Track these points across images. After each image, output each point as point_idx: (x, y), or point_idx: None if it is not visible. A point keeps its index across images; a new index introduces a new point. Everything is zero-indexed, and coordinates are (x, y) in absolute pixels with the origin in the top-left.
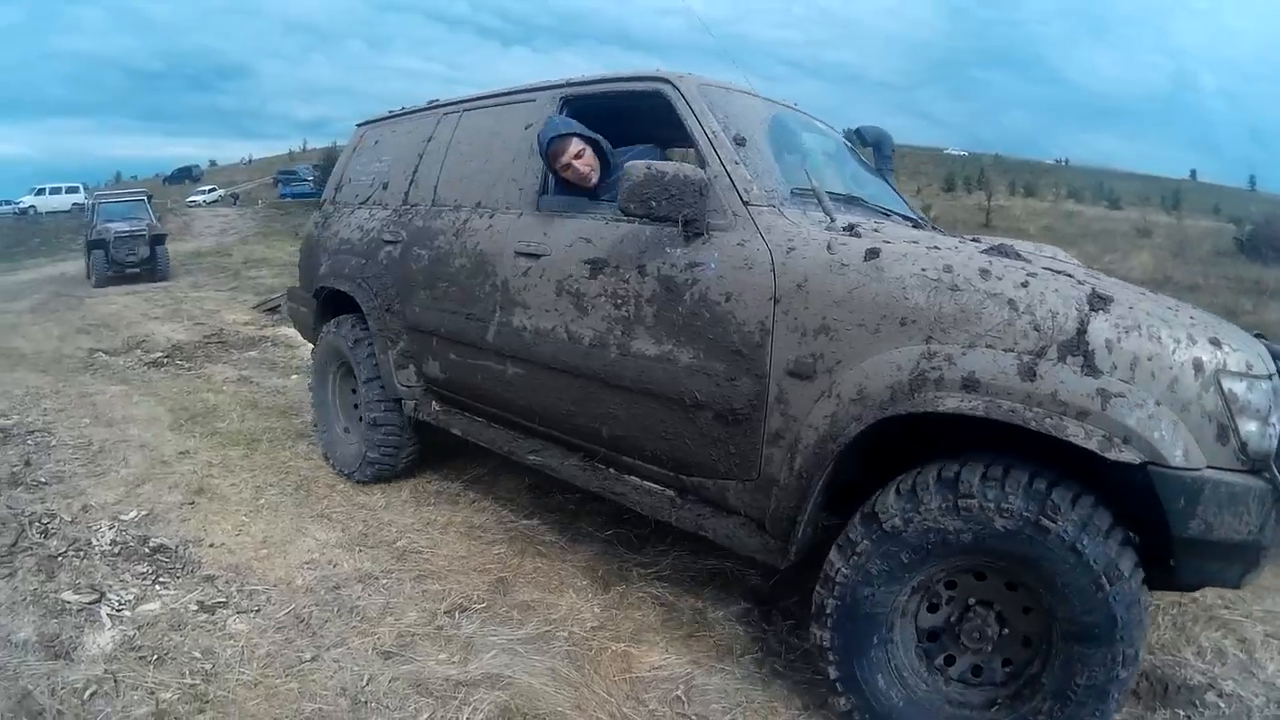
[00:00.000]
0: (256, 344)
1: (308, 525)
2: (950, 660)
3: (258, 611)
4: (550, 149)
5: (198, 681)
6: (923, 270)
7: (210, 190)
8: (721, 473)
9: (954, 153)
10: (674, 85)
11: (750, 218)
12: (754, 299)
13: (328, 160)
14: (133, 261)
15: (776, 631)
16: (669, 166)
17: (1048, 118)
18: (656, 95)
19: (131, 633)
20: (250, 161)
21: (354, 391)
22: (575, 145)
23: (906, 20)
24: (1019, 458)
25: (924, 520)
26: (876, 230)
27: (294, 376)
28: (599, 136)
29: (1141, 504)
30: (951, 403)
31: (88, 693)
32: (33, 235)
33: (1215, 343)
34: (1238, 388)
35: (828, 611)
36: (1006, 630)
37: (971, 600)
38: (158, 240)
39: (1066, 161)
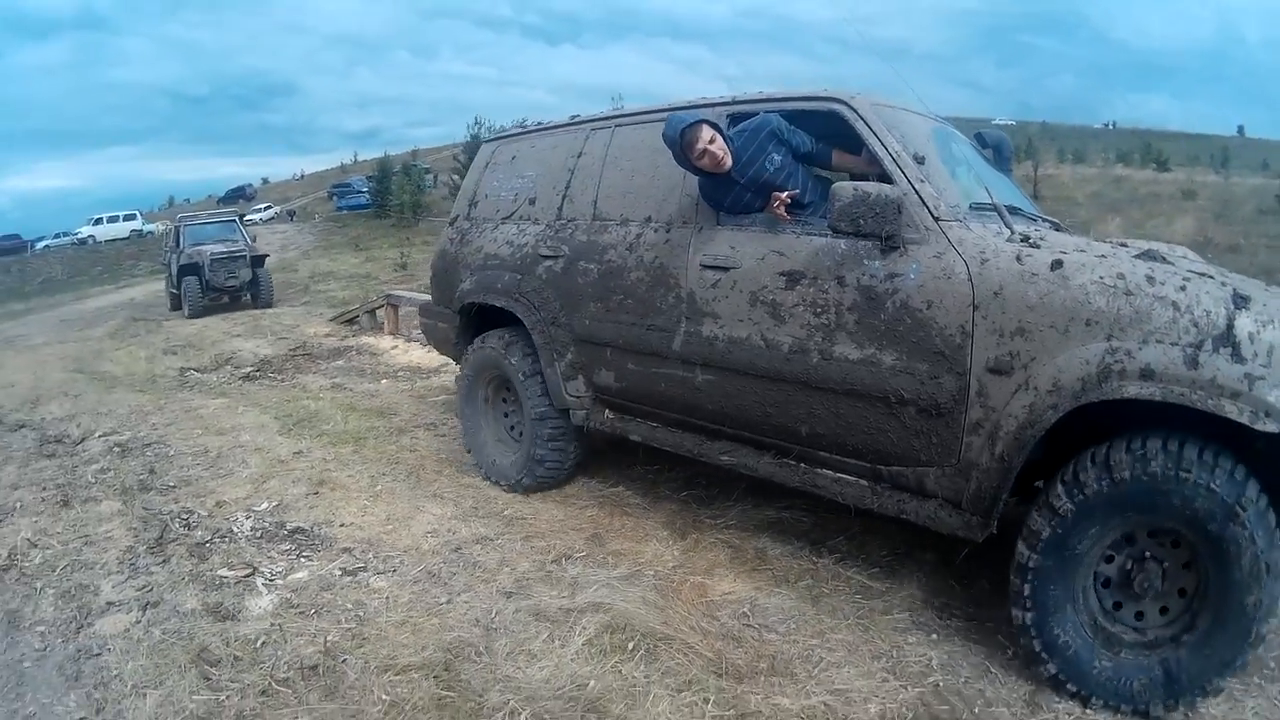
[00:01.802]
0: (342, 354)
1: (424, 503)
2: (1106, 583)
3: (394, 572)
4: (685, 138)
5: (354, 625)
6: (1101, 278)
7: (266, 208)
8: (922, 461)
9: (1001, 122)
10: (850, 106)
11: (942, 232)
12: (955, 305)
13: (380, 170)
14: (233, 286)
15: (825, 565)
16: (871, 187)
17: (1096, 80)
18: (832, 115)
19: (288, 595)
20: (302, 177)
21: (506, 404)
22: (708, 131)
23: None
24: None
25: (1197, 486)
26: (1045, 239)
27: (384, 381)
28: (717, 121)
29: (1268, 469)
30: (1133, 390)
31: (259, 642)
32: (94, 264)
33: None
34: None
35: (1088, 493)
36: (1156, 598)
37: (1166, 563)
38: (258, 261)
39: (1114, 125)
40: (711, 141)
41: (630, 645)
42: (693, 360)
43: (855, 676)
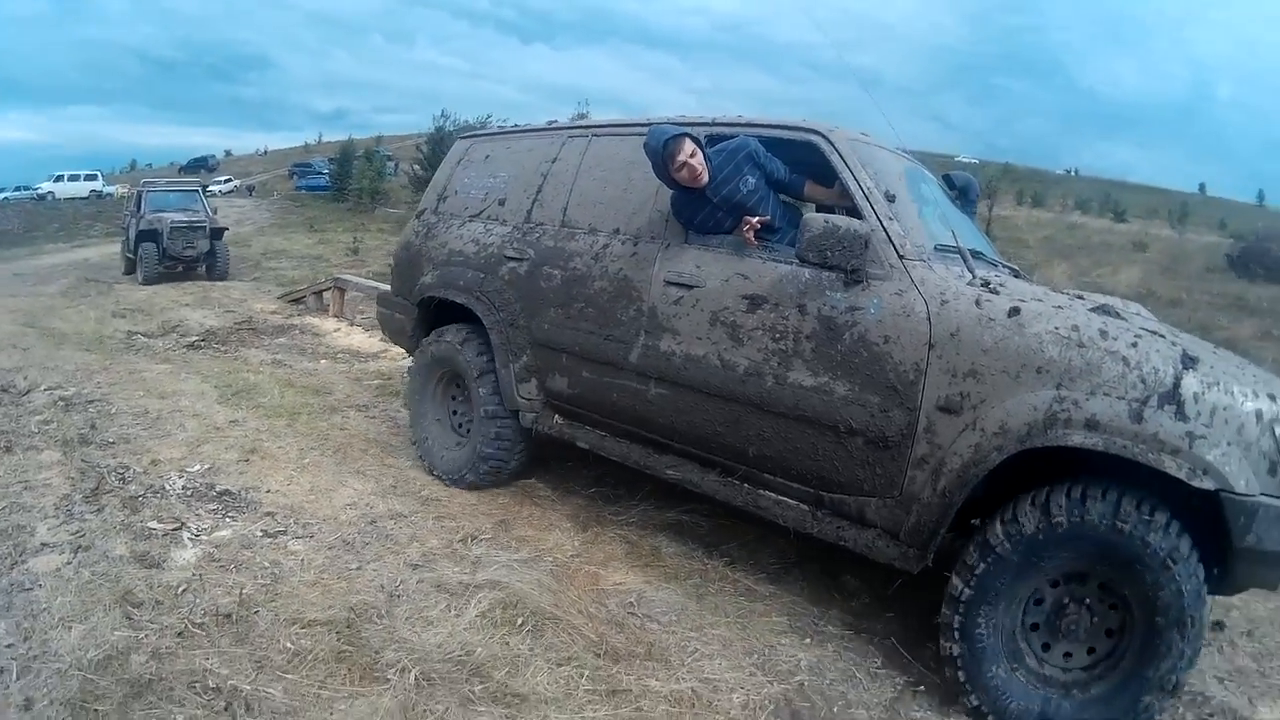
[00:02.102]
0: (285, 331)
1: (347, 478)
2: (1038, 602)
3: (312, 537)
4: (668, 149)
5: (269, 581)
6: (1055, 329)
7: (226, 180)
8: (865, 491)
9: (964, 160)
10: (827, 139)
11: (905, 270)
12: (911, 343)
13: (343, 154)
14: (190, 256)
15: (715, 566)
16: (842, 221)
17: (1065, 126)
18: (808, 146)
19: (210, 550)
20: (266, 153)
21: (454, 399)
22: (690, 145)
23: (928, 24)
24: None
25: (1174, 579)
26: (1005, 285)
27: (323, 361)
28: (699, 136)
29: (1199, 522)
30: (1078, 438)
31: (180, 589)
32: (51, 220)
33: (1272, 397)
34: None
35: (1085, 519)
36: (1070, 641)
37: (1096, 618)
38: (217, 234)
39: (1076, 172)
40: (693, 155)
41: (519, 621)
42: (648, 373)
43: (725, 668)
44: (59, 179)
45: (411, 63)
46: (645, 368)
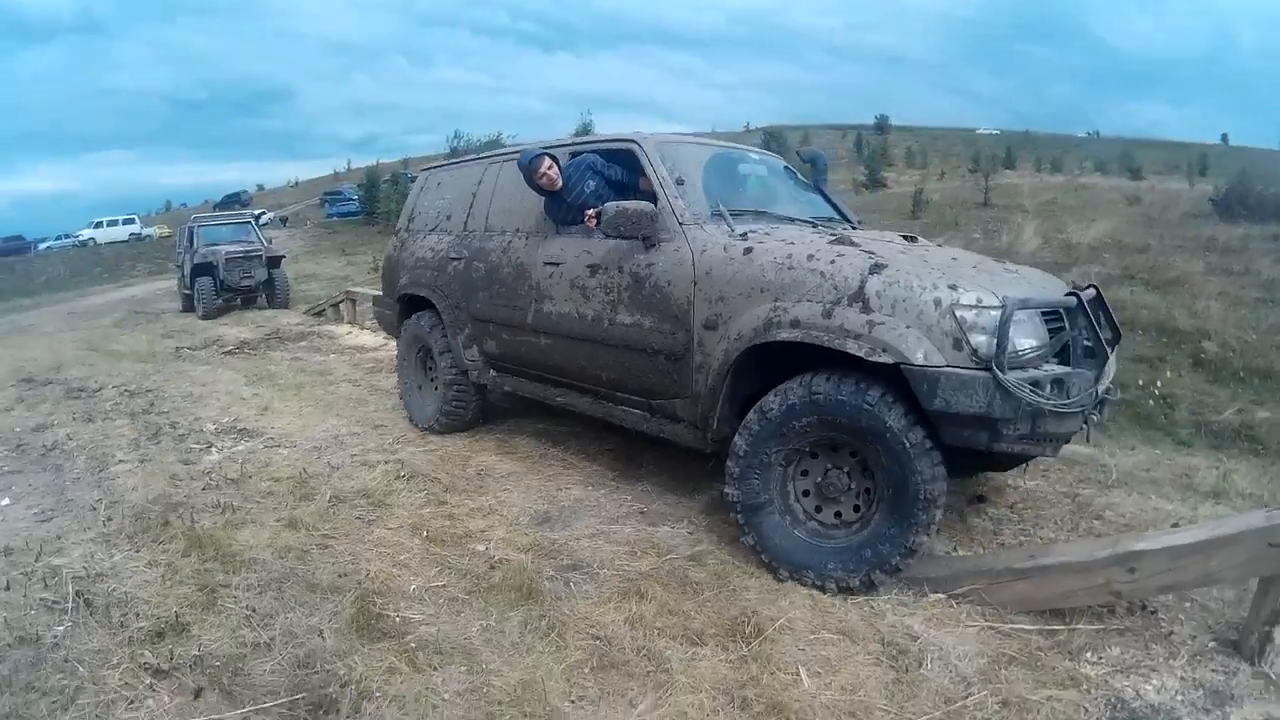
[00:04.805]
0: (305, 338)
1: (327, 419)
2: (814, 455)
3: (294, 447)
4: (532, 165)
5: (261, 465)
6: (775, 258)
7: (260, 214)
8: (673, 394)
9: (985, 132)
10: (639, 144)
11: (683, 232)
12: (683, 283)
13: (370, 180)
14: (249, 286)
15: (553, 454)
16: (631, 205)
17: (1092, 88)
18: (628, 151)
19: (229, 455)
20: (296, 184)
21: (427, 368)
22: (547, 160)
23: None
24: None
25: (921, 469)
26: (758, 233)
27: (331, 356)
28: (555, 155)
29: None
30: (784, 335)
31: (206, 470)
32: (94, 264)
33: (953, 287)
34: (968, 315)
35: (804, 401)
36: (816, 495)
37: (830, 468)
38: (274, 262)
39: (1097, 134)
40: (549, 168)
41: (404, 475)
42: (539, 330)
43: (520, 497)
44: (98, 225)
45: (435, 82)
46: (537, 325)
